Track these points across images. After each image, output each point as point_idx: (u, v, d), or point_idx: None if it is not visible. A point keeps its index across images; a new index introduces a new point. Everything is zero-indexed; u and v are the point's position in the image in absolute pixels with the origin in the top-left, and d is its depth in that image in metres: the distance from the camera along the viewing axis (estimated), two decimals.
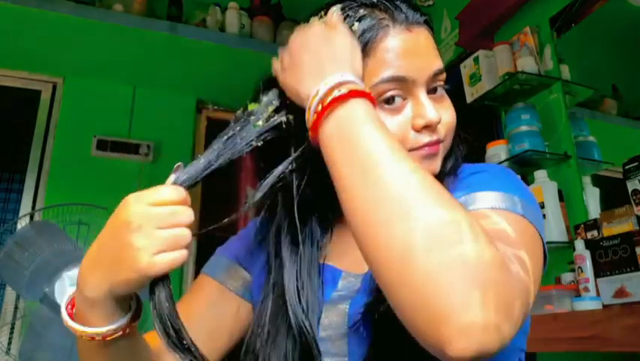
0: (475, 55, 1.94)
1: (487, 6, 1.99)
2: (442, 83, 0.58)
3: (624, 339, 1.13)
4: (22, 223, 1.89)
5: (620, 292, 1.21)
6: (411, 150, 0.55)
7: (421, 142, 0.55)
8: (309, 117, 0.48)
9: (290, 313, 0.57)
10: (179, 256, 0.46)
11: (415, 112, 0.55)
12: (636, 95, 1.68)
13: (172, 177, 0.50)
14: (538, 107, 1.78)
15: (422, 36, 0.57)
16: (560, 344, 1.26)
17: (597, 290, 1.29)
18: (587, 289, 1.33)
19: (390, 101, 0.55)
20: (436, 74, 0.57)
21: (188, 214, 0.47)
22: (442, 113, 0.57)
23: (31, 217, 2.28)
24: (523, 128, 1.72)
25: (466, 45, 2.16)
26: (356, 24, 0.55)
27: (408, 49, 0.55)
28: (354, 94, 0.46)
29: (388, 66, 0.54)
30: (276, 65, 0.55)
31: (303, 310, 0.57)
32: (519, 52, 1.82)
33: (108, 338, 0.50)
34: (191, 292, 0.69)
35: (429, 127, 0.55)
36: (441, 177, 0.60)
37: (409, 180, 0.40)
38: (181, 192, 0.48)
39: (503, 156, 1.78)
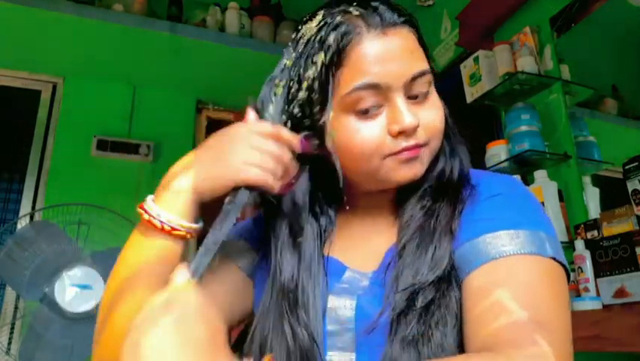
0: (475, 55, 1.94)
1: (487, 6, 1.99)
2: (425, 85, 0.57)
3: (624, 339, 1.13)
4: (22, 223, 1.89)
5: (620, 292, 1.21)
6: (389, 155, 0.56)
7: (398, 147, 0.56)
8: None
9: (292, 310, 0.58)
10: (263, 174, 0.53)
11: (390, 118, 0.55)
12: (636, 95, 1.68)
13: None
14: (538, 107, 1.78)
15: (399, 39, 0.56)
16: None
17: (597, 290, 1.29)
18: (587, 289, 1.33)
19: (367, 107, 0.55)
20: (416, 77, 0.56)
21: (278, 148, 0.55)
22: (425, 116, 0.57)
23: (31, 217, 2.28)
24: (523, 128, 1.72)
25: (466, 45, 2.16)
26: (326, 37, 0.56)
27: (381, 54, 0.55)
28: None
29: (362, 73, 0.54)
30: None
31: (303, 307, 0.58)
32: (519, 52, 1.82)
33: (174, 232, 0.54)
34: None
35: (405, 132, 0.55)
36: (449, 184, 0.60)
37: None
38: (277, 128, 0.56)
39: (503, 156, 1.78)
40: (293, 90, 0.58)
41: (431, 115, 0.58)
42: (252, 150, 0.53)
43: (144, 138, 2.71)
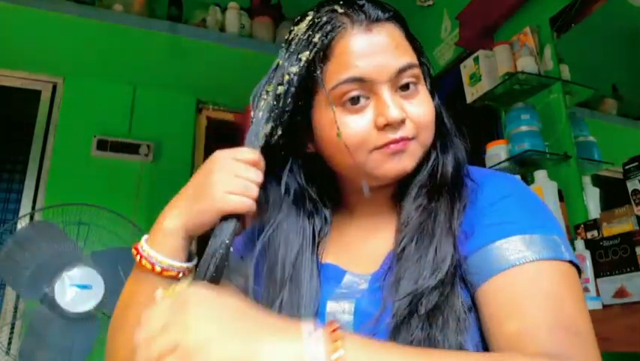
0: (475, 55, 1.94)
1: (487, 6, 1.99)
2: (412, 79, 0.58)
3: (624, 339, 1.13)
4: (22, 223, 1.89)
5: (620, 292, 1.21)
6: (376, 148, 0.56)
7: (385, 140, 0.56)
8: None
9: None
10: (247, 201, 0.54)
11: (377, 111, 0.56)
12: (636, 95, 1.68)
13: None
14: (538, 107, 1.78)
15: (384, 34, 0.57)
16: None
17: (597, 290, 1.29)
18: (587, 290, 1.33)
19: (354, 101, 0.56)
20: (402, 71, 0.57)
21: (257, 174, 0.56)
22: (413, 110, 0.57)
23: (31, 217, 2.27)
24: (523, 128, 1.72)
25: (466, 45, 2.16)
26: (313, 35, 0.57)
27: (366, 49, 0.56)
28: (338, 340, 0.40)
29: (347, 68, 0.55)
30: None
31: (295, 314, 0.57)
32: (519, 52, 1.81)
33: (164, 273, 0.56)
34: None
35: (391, 125, 0.56)
36: (444, 181, 0.60)
37: None
38: (256, 155, 0.57)
39: (503, 156, 1.78)
40: (280, 87, 0.59)
41: (419, 108, 0.58)
42: (235, 179, 0.55)
43: (144, 138, 2.71)
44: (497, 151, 1.80)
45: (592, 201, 1.62)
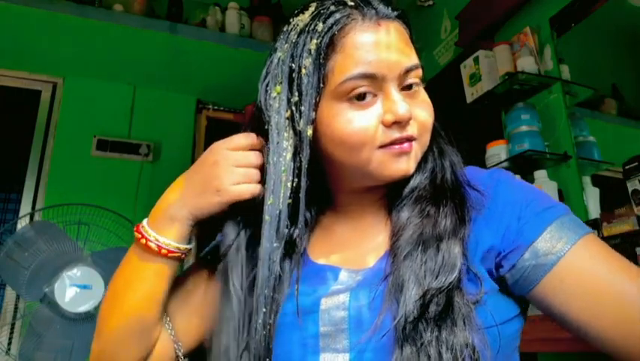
0: (475, 55, 1.94)
1: (487, 6, 1.99)
2: (417, 79, 0.58)
3: None
4: (22, 223, 1.89)
5: None
6: (381, 146, 0.55)
7: (391, 138, 0.55)
8: None
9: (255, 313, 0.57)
10: (251, 187, 0.59)
11: (385, 108, 0.55)
12: (636, 95, 1.68)
13: None
14: (538, 107, 1.78)
15: (393, 31, 0.57)
16: (560, 344, 1.26)
17: None
18: None
19: (360, 97, 0.55)
20: (409, 71, 0.57)
21: (256, 157, 0.60)
22: (416, 111, 0.57)
23: (31, 217, 2.28)
24: (523, 128, 1.72)
25: (466, 45, 2.16)
26: (320, 24, 0.56)
27: (377, 44, 0.55)
28: None
29: (357, 62, 0.54)
30: None
31: (263, 313, 0.57)
32: (519, 52, 1.82)
33: (170, 255, 0.60)
34: (184, 273, 0.70)
35: (399, 123, 0.55)
36: (444, 186, 0.59)
37: None
38: (249, 138, 0.61)
39: (503, 156, 1.78)
40: (294, 82, 0.57)
41: (422, 110, 0.58)
42: (236, 169, 0.59)
43: (144, 138, 2.71)
44: (497, 151, 1.80)
45: (592, 201, 1.62)
